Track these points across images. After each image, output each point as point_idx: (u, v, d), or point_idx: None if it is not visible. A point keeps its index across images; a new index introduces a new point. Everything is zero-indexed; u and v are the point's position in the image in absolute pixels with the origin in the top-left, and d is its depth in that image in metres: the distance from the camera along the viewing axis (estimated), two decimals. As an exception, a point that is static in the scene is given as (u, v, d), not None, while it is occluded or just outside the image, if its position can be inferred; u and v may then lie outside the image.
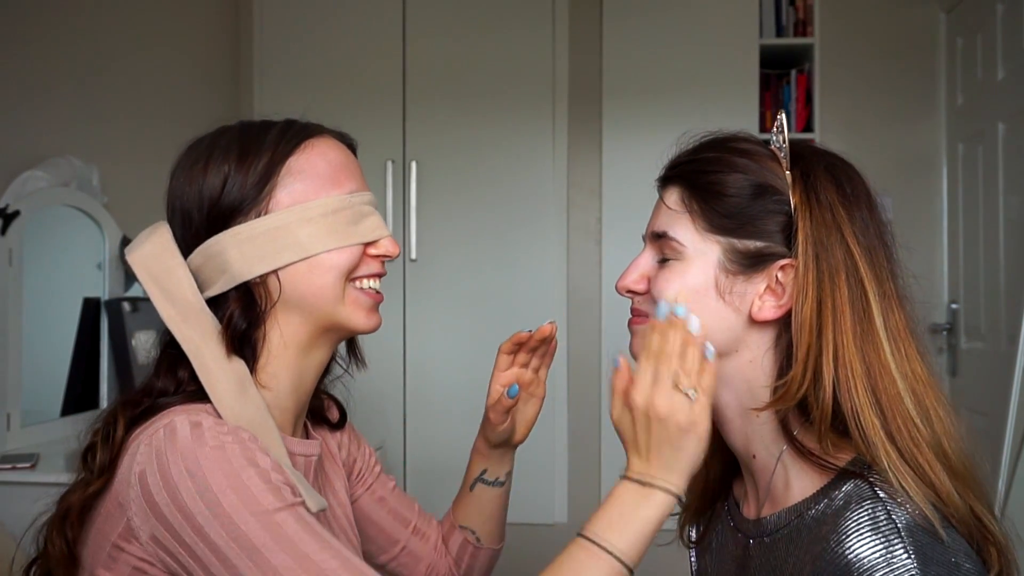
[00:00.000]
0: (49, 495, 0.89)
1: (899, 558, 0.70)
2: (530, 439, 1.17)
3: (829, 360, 0.78)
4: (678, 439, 0.79)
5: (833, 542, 0.73)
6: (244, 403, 0.86)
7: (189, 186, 0.91)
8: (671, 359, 0.80)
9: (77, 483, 0.86)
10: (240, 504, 0.77)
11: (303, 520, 0.79)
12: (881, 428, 0.77)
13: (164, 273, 0.89)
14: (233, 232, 0.89)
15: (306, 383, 0.96)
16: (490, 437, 1.15)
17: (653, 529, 0.81)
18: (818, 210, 0.81)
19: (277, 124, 0.95)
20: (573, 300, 3.35)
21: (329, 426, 1.12)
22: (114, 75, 2.53)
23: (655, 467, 0.80)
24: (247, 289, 0.90)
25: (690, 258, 0.84)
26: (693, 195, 0.85)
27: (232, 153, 0.91)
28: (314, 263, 0.89)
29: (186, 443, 0.79)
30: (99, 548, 0.83)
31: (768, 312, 0.82)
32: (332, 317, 0.92)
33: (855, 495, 0.76)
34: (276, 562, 0.76)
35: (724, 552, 0.94)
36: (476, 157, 3.33)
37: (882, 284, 0.81)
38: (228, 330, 0.87)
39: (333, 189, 0.91)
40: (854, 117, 3.27)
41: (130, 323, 2.34)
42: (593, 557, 0.79)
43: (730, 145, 0.86)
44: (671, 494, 0.80)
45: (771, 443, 0.85)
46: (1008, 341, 2.52)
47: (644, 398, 0.81)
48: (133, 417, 0.86)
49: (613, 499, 0.82)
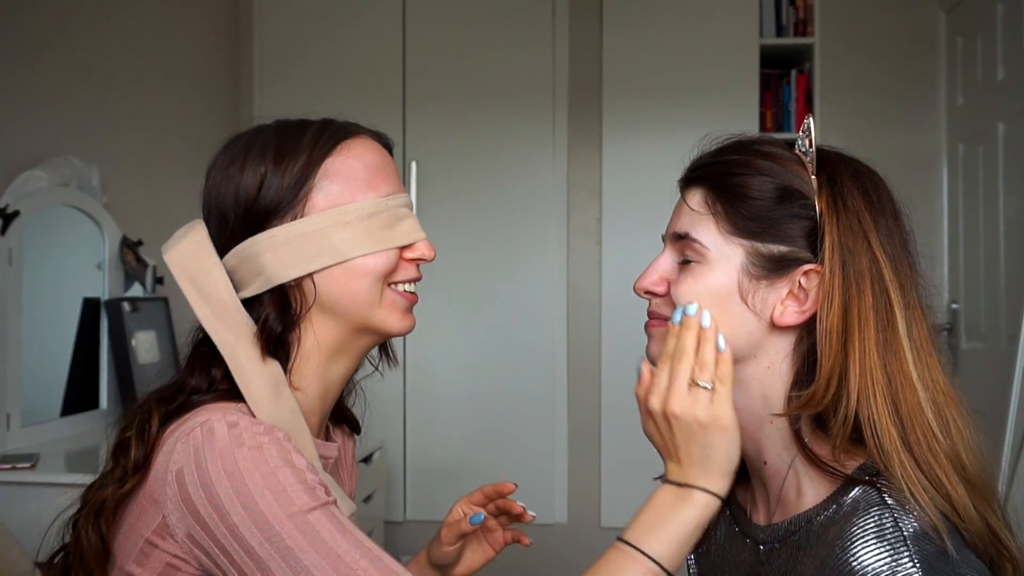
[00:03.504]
0: (49, 495, 0.89)
1: (904, 567, 0.70)
2: (530, 439, 1.16)
3: (855, 368, 0.78)
4: (702, 436, 0.79)
5: (838, 548, 0.73)
6: (278, 404, 0.86)
7: (225, 186, 0.91)
8: (686, 357, 0.80)
9: (110, 477, 0.86)
10: (276, 504, 0.77)
11: (336, 519, 0.80)
12: (899, 437, 0.76)
13: (200, 272, 0.89)
14: (269, 235, 0.88)
15: (334, 386, 0.96)
16: (433, 554, 1.11)
17: (692, 532, 0.80)
18: (845, 216, 0.81)
19: (314, 124, 0.94)
20: (573, 300, 3.35)
21: (349, 427, 1.12)
22: (114, 75, 2.53)
23: (690, 469, 0.80)
24: (282, 292, 0.90)
25: (713, 261, 0.83)
26: (717, 197, 0.84)
27: (268, 154, 0.90)
28: (349, 267, 0.89)
29: (224, 443, 0.79)
30: (131, 543, 0.83)
31: (790, 318, 0.81)
32: (367, 321, 0.91)
33: (863, 501, 0.75)
34: (308, 563, 0.76)
35: (730, 559, 0.93)
36: (476, 157, 3.33)
37: (906, 294, 0.80)
38: (264, 333, 0.87)
39: (369, 192, 0.91)
40: (854, 117, 3.27)
41: (130, 323, 2.34)
42: (631, 561, 0.79)
43: (755, 148, 0.85)
44: (711, 494, 0.79)
45: (783, 449, 0.84)
46: (1008, 341, 2.52)
47: (660, 401, 0.80)
48: (167, 413, 0.86)
49: (651, 503, 0.81)
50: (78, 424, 2.26)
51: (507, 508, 1.08)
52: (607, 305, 3.31)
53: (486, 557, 1.12)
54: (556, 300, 3.34)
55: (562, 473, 3.31)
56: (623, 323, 3.20)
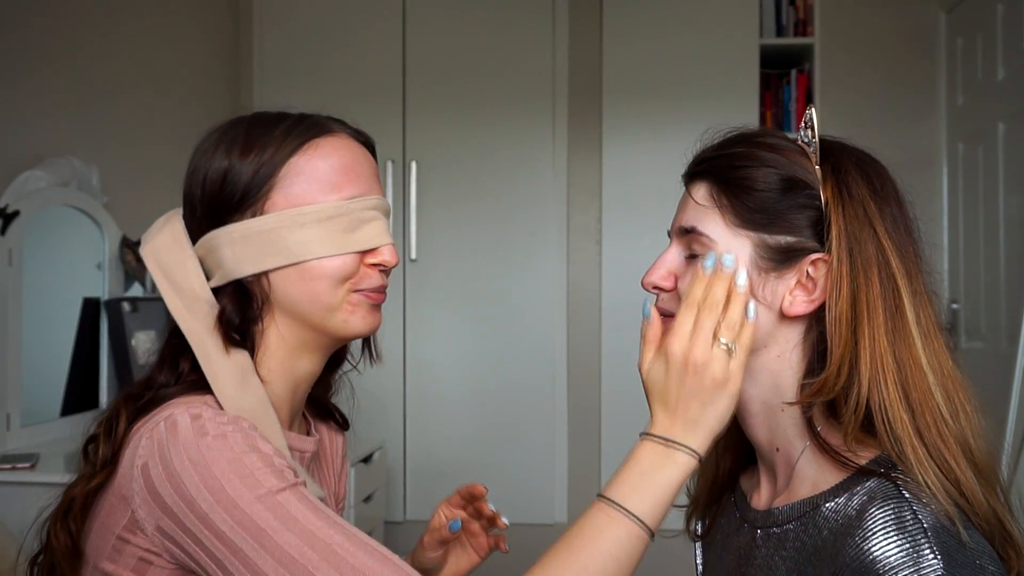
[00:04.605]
0: (49, 495, 0.89)
1: (926, 558, 0.70)
2: (530, 439, 1.16)
3: (865, 355, 0.78)
4: (711, 393, 0.78)
5: (858, 538, 0.73)
6: (244, 394, 0.86)
7: (195, 175, 0.91)
8: (713, 310, 0.79)
9: (79, 476, 0.86)
10: (244, 488, 0.77)
11: (306, 499, 0.79)
12: (910, 423, 0.77)
13: (174, 265, 0.90)
14: (228, 230, 0.88)
15: (303, 381, 0.95)
16: (418, 560, 1.11)
17: (675, 491, 0.80)
18: (850, 204, 0.81)
19: (288, 119, 0.92)
20: (573, 300, 3.35)
21: (336, 424, 1.11)
22: (114, 75, 2.54)
23: (680, 424, 0.79)
24: (243, 285, 0.90)
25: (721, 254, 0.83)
26: (723, 190, 0.84)
27: (236, 147, 0.90)
28: (304, 269, 0.88)
29: (187, 434, 0.79)
30: (103, 541, 0.83)
31: (800, 307, 0.82)
32: (324, 324, 0.91)
33: (879, 493, 0.75)
34: (282, 541, 0.76)
35: (728, 543, 0.94)
36: (476, 157, 3.33)
37: (913, 280, 0.81)
38: (221, 324, 0.88)
39: (331, 193, 0.89)
40: (854, 117, 3.27)
41: (130, 323, 2.34)
42: (614, 521, 0.78)
43: (758, 140, 0.86)
44: (693, 455, 0.79)
45: (796, 437, 0.84)
46: (1008, 341, 2.52)
47: (682, 346, 0.79)
48: (135, 411, 0.86)
49: (634, 460, 0.80)
50: (78, 424, 2.25)
51: (481, 511, 1.08)
52: (607, 305, 3.31)
53: (471, 563, 1.12)
54: (556, 300, 3.34)
55: (562, 473, 3.31)
56: (623, 323, 3.20)
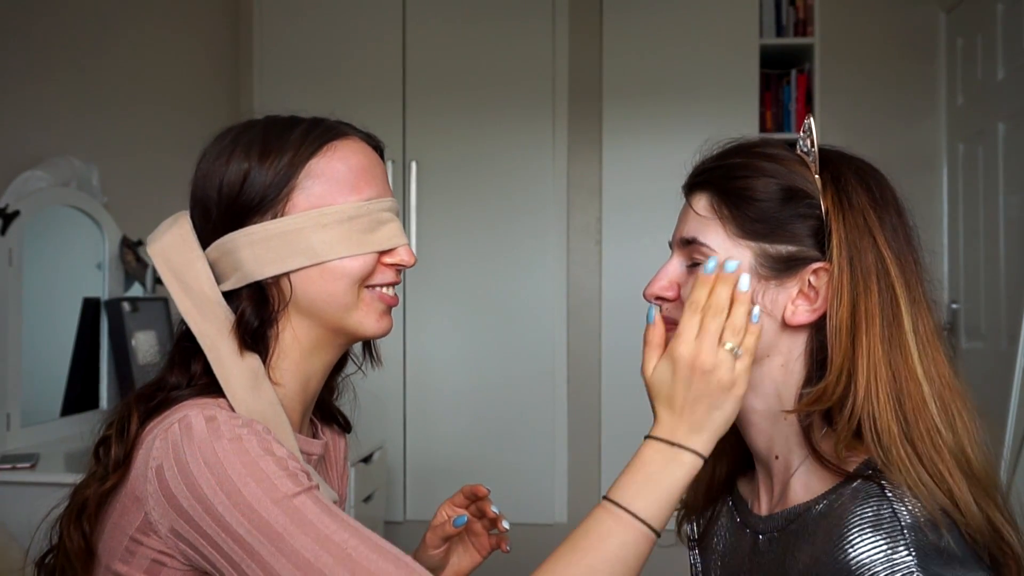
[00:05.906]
0: (49, 495, 0.89)
1: (900, 555, 0.70)
2: (530, 439, 1.16)
3: (862, 364, 0.79)
4: (717, 396, 0.79)
5: (836, 537, 0.73)
6: (257, 397, 0.87)
7: (210, 179, 0.91)
8: (718, 313, 0.80)
9: (91, 477, 0.86)
10: (260, 492, 0.78)
11: (320, 502, 0.80)
12: (900, 433, 0.77)
13: (183, 265, 0.90)
14: (248, 231, 0.89)
15: (313, 383, 0.96)
16: (420, 559, 1.11)
17: (680, 493, 0.80)
18: (851, 213, 0.81)
19: (303, 123, 0.94)
20: (573, 300, 3.35)
21: (339, 427, 1.12)
22: (114, 75, 2.54)
23: (685, 426, 0.80)
24: (260, 287, 0.90)
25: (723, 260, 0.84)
26: (723, 201, 0.84)
27: (254, 150, 0.90)
28: (326, 269, 0.89)
29: (202, 436, 0.80)
30: (115, 542, 0.83)
31: (802, 316, 0.82)
32: (341, 323, 0.92)
33: (861, 491, 0.76)
34: (298, 545, 0.76)
35: (730, 549, 0.94)
36: (476, 157, 3.33)
37: (911, 289, 0.81)
38: (240, 327, 0.88)
39: (351, 195, 0.90)
40: (854, 117, 3.27)
41: (130, 323, 2.34)
42: (621, 523, 0.78)
43: (757, 150, 0.86)
44: (699, 457, 0.79)
45: (795, 445, 0.85)
46: (1008, 341, 2.52)
47: (689, 350, 0.79)
48: (147, 411, 0.86)
49: (640, 462, 0.81)
50: (78, 424, 2.26)
51: (484, 511, 1.08)
52: (607, 305, 3.31)
53: (473, 562, 1.12)
54: (556, 300, 3.34)
55: (562, 473, 3.31)
56: (623, 323, 3.20)
